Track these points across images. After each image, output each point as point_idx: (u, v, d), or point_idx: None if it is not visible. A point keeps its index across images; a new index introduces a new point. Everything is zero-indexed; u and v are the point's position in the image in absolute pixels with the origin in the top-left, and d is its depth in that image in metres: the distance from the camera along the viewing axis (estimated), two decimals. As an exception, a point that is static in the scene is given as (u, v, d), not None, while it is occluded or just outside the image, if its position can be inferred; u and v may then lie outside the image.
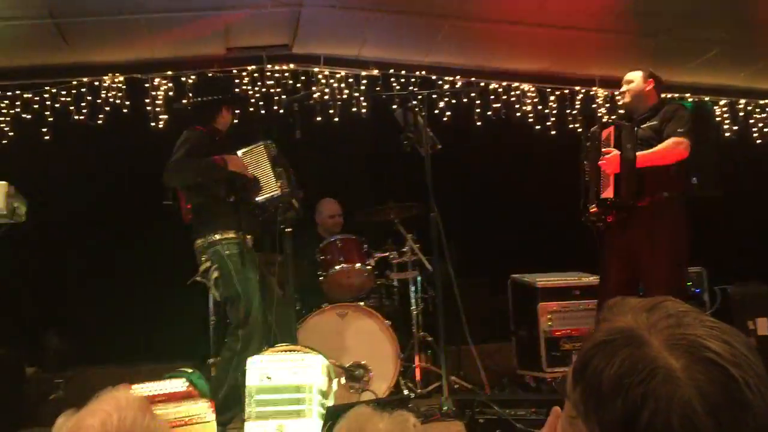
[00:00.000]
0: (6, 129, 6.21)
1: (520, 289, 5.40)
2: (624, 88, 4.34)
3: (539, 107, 7.07)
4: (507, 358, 5.55)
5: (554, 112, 7.07)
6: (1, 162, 5.91)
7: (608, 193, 4.06)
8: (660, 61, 6.33)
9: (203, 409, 3.00)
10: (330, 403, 3.05)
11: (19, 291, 5.66)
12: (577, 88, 7.19)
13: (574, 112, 7.13)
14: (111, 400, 1.38)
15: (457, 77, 6.91)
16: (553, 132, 7.01)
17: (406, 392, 4.49)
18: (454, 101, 6.89)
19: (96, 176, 6.08)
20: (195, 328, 5.16)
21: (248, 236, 3.88)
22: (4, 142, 6.19)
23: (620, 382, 0.79)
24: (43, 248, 5.71)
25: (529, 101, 7.07)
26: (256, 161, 3.83)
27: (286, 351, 3.07)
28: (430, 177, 3.89)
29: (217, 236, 3.88)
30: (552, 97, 7.11)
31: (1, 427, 4.62)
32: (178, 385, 3.08)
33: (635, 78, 4.31)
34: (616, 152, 4.01)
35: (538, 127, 7.02)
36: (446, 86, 6.83)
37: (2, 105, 6.23)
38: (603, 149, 4.11)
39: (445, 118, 6.81)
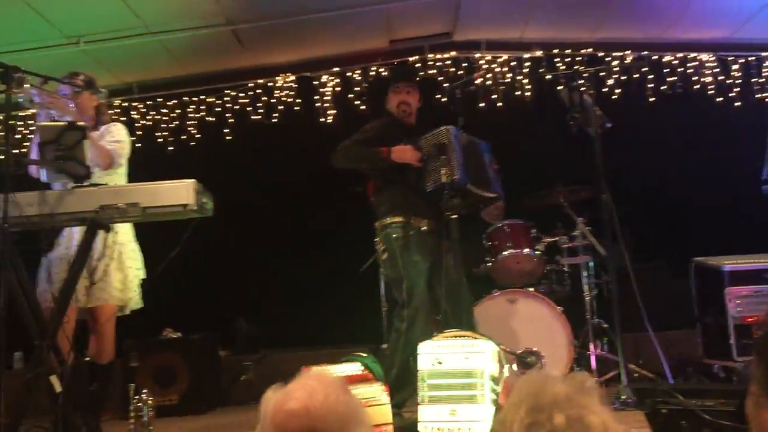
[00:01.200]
0: (193, 132, 6.74)
1: (705, 273, 5.03)
2: None
3: (720, 77, 6.56)
4: (691, 347, 5.21)
5: (738, 81, 6.54)
6: (190, 161, 6.45)
7: None
8: None
9: (378, 392, 3.09)
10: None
11: (211, 280, 6.13)
12: (765, 54, 6.60)
13: (761, 80, 6.54)
14: (316, 378, 1.47)
15: (627, 52, 6.59)
16: (737, 104, 6.49)
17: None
18: (624, 77, 6.57)
19: (273, 171, 6.43)
20: (372, 314, 5.32)
21: (423, 221, 3.92)
22: (191, 143, 6.71)
23: None
24: (230, 240, 6.15)
25: (708, 72, 6.59)
26: (429, 147, 3.86)
27: (456, 336, 3.08)
28: (600, 157, 3.73)
29: (388, 219, 4.00)
30: (735, 66, 6.58)
31: (200, 404, 5.05)
32: (354, 368, 3.19)
33: None
34: None
35: (719, 99, 6.53)
36: (615, 63, 6.54)
37: (189, 109, 6.76)
38: None
39: (614, 96, 6.51)
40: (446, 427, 2.93)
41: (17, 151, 5.65)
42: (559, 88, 5.61)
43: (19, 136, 6.39)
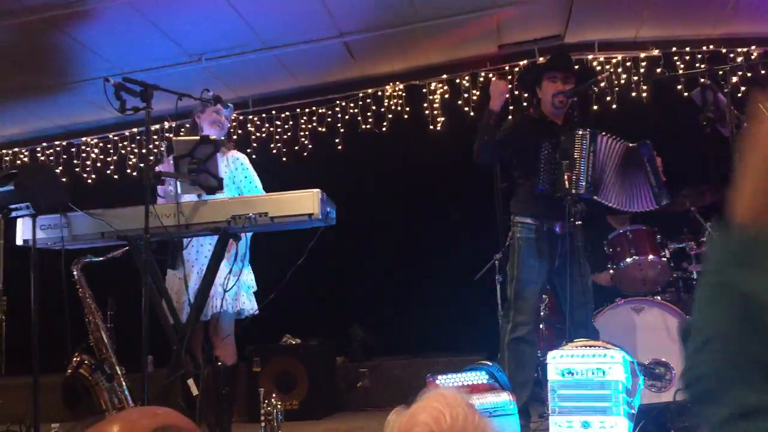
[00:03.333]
0: (305, 142, 6.90)
1: None
2: None
3: None
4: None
5: None
6: (303, 171, 6.61)
7: None
8: None
9: (506, 403, 3.04)
10: (637, 402, 2.92)
11: (328, 287, 6.25)
12: None
13: None
14: (440, 398, 1.42)
15: (753, 47, 6.24)
16: None
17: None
18: (749, 74, 6.22)
19: (385, 179, 6.50)
20: (488, 322, 5.27)
21: (553, 223, 3.86)
22: (304, 154, 6.87)
23: None
24: (345, 248, 6.25)
25: None
26: (564, 149, 3.79)
27: (587, 346, 2.99)
28: (737, 159, 3.53)
29: (517, 218, 4.00)
30: None
31: (319, 409, 5.15)
32: (481, 377, 3.16)
33: None
34: None
35: None
36: (739, 59, 6.21)
37: (302, 120, 6.93)
38: None
39: (740, 94, 6.17)
40: (579, 439, 2.85)
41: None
42: (679, 87, 5.43)
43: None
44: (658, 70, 6.30)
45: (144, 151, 3.15)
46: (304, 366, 5.17)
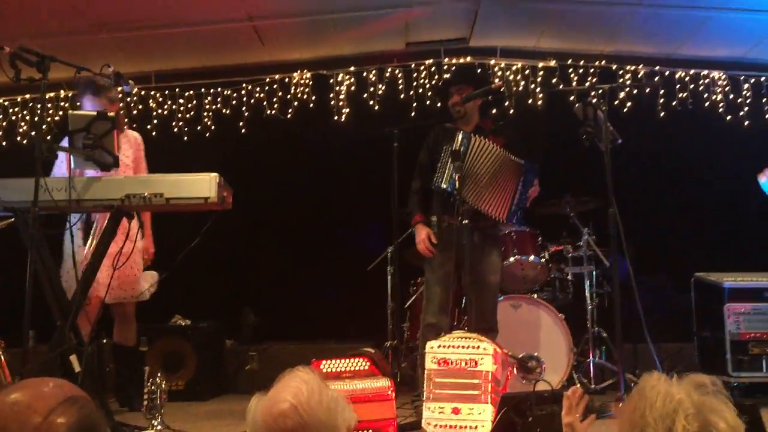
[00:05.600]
0: (209, 123, 6.84)
1: (705, 289, 5.14)
2: None
3: (731, 96, 6.65)
4: (688, 360, 5.32)
5: (748, 101, 6.63)
6: (204, 152, 6.56)
7: None
8: None
9: (384, 387, 3.20)
10: (502, 390, 3.14)
11: (220, 270, 6.25)
12: (776, 75, 6.68)
13: (773, 100, 6.63)
14: (296, 377, 1.61)
15: (640, 66, 6.67)
16: (746, 122, 6.57)
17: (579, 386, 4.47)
18: (635, 91, 6.65)
19: (286, 166, 6.55)
20: (378, 311, 5.44)
21: (452, 219, 4.09)
22: (207, 134, 6.81)
23: None
24: (240, 232, 6.26)
25: (719, 90, 6.68)
26: (448, 150, 4.09)
27: (462, 338, 3.19)
28: (609, 172, 3.84)
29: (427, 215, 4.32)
30: (746, 85, 6.67)
31: (205, 391, 5.17)
32: (362, 363, 3.30)
33: None
34: None
35: (729, 117, 6.61)
36: (628, 76, 6.63)
37: (206, 101, 6.86)
38: None
39: (625, 109, 6.60)
40: (449, 424, 3.04)
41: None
42: (571, 98, 5.76)
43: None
44: (554, 80, 6.64)
45: (36, 119, 3.10)
46: (193, 347, 5.19)
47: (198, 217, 3.56)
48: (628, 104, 6.60)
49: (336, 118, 6.73)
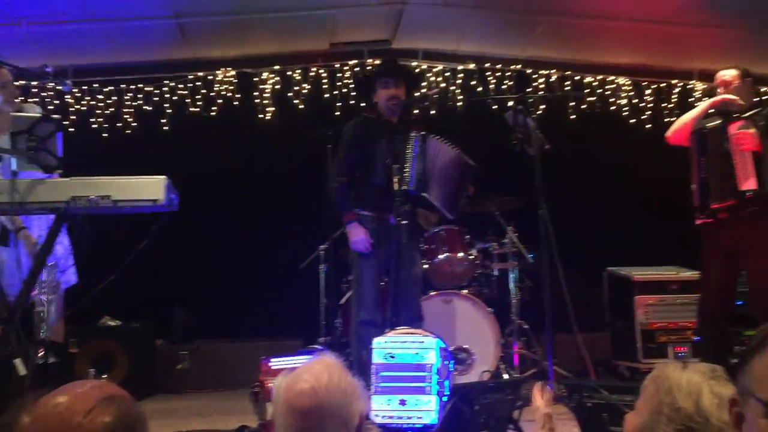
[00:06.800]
0: (130, 120, 6.71)
1: (617, 282, 5.54)
2: (721, 86, 4.32)
3: (635, 101, 7.12)
4: (600, 348, 5.69)
5: (650, 105, 7.11)
6: (126, 151, 6.44)
7: (750, 184, 3.98)
8: (760, 55, 6.31)
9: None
10: (448, 382, 3.33)
11: (149, 269, 6.14)
12: (674, 81, 7.19)
13: (671, 105, 7.12)
14: (321, 362, 1.73)
15: (552, 71, 7.04)
16: (648, 126, 7.05)
17: (506, 376, 4.73)
18: (548, 95, 6.97)
19: (212, 164, 6.51)
20: (310, 309, 5.52)
21: (386, 216, 4.24)
22: (127, 131, 6.68)
23: None
24: (170, 230, 6.17)
25: (624, 95, 7.13)
26: (400, 150, 4.22)
27: (407, 333, 3.35)
28: (539, 176, 4.10)
29: (356, 210, 4.41)
30: (648, 91, 7.15)
31: (137, 391, 5.12)
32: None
33: (733, 76, 4.30)
34: (753, 131, 3.97)
35: (633, 120, 7.07)
36: (541, 80, 6.98)
37: (126, 97, 6.72)
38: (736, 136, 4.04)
39: (539, 112, 6.93)
40: (396, 415, 3.20)
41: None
42: (494, 107, 6.02)
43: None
44: (473, 82, 6.90)
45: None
46: (124, 347, 5.13)
47: (131, 217, 3.55)
48: (542, 107, 6.94)
49: (261, 116, 6.75)
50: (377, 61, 6.88)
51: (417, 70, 6.93)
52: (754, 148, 3.96)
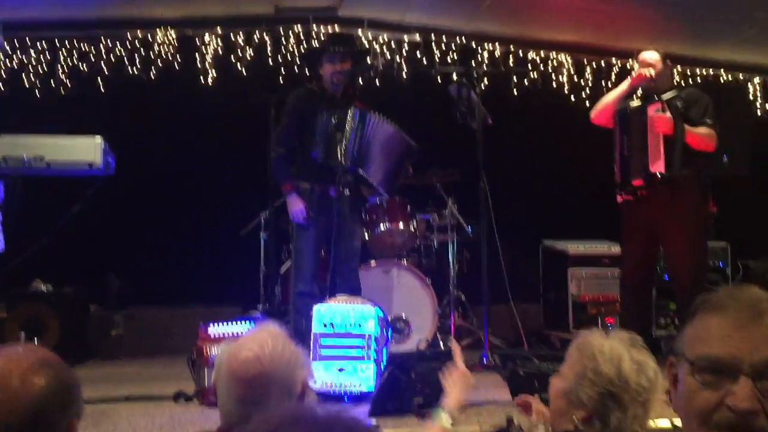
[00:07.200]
0: (64, 79, 6.47)
1: (552, 255, 5.69)
2: (645, 67, 4.48)
3: (575, 78, 7.23)
4: (533, 319, 5.85)
5: (590, 83, 7.24)
6: (60, 111, 6.22)
7: (658, 166, 4.22)
8: (698, 37, 6.50)
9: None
10: (386, 351, 3.38)
11: (82, 232, 5.99)
12: (614, 60, 7.33)
13: (610, 84, 7.26)
14: (265, 331, 1.73)
15: (496, 44, 7.08)
16: (588, 103, 7.17)
17: (442, 346, 4.82)
18: (491, 70, 7.03)
19: (151, 126, 6.35)
20: (250, 276, 5.50)
21: (326, 187, 4.24)
22: (62, 91, 6.44)
23: None
24: (104, 193, 6.04)
25: (565, 72, 7.24)
26: (339, 123, 4.18)
27: (346, 301, 3.38)
28: (481, 149, 4.16)
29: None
30: (588, 69, 7.27)
31: (69, 357, 5.01)
32: (250, 327, 3.40)
33: (655, 58, 4.47)
34: (669, 115, 4.18)
35: (573, 98, 7.20)
36: (486, 54, 7.02)
37: (61, 55, 6.47)
38: (654, 117, 4.24)
39: (483, 86, 6.95)
40: (335, 382, 3.24)
41: None
42: (437, 76, 6.03)
43: None
44: (417, 54, 6.90)
45: None
46: (56, 312, 5.01)
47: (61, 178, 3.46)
48: (485, 81, 6.98)
49: (202, 80, 6.61)
50: (322, 28, 6.82)
51: (363, 40, 6.88)
52: (667, 131, 4.17)
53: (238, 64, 6.64)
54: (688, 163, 4.22)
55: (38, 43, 6.45)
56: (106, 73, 6.48)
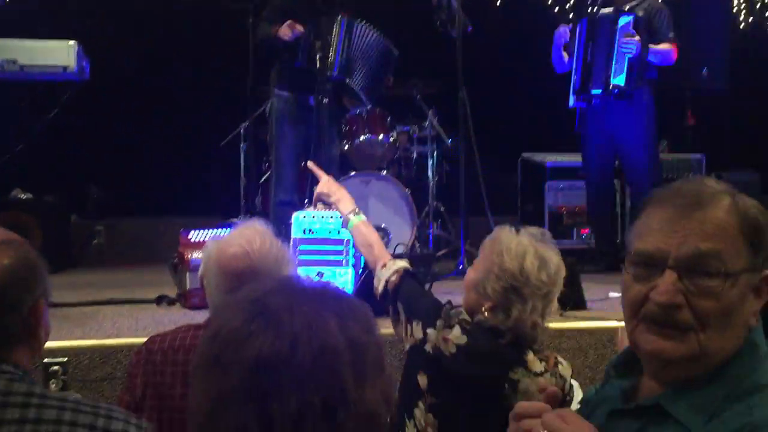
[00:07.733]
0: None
1: (530, 168, 5.75)
2: None
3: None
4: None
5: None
6: (34, 16, 6.01)
7: (620, 80, 4.40)
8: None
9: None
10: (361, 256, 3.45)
11: (63, 142, 5.93)
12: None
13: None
14: (252, 228, 1.78)
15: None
16: (571, 14, 7.06)
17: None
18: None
19: (129, 33, 6.20)
20: (230, 187, 5.51)
21: (306, 96, 4.21)
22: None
23: None
24: (85, 101, 5.94)
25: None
26: (325, 32, 4.13)
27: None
28: (460, 58, 4.13)
29: (275, 90, 4.38)
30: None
31: (50, 264, 5.06)
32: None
33: None
34: (637, 38, 4.27)
35: (556, 7, 7.09)
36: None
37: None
38: (622, 36, 4.32)
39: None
40: (314, 287, 3.31)
41: None
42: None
43: None
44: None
45: None
46: (37, 221, 5.02)
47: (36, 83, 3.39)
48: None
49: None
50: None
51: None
52: (635, 54, 4.26)
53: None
54: (645, 75, 4.43)
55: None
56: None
